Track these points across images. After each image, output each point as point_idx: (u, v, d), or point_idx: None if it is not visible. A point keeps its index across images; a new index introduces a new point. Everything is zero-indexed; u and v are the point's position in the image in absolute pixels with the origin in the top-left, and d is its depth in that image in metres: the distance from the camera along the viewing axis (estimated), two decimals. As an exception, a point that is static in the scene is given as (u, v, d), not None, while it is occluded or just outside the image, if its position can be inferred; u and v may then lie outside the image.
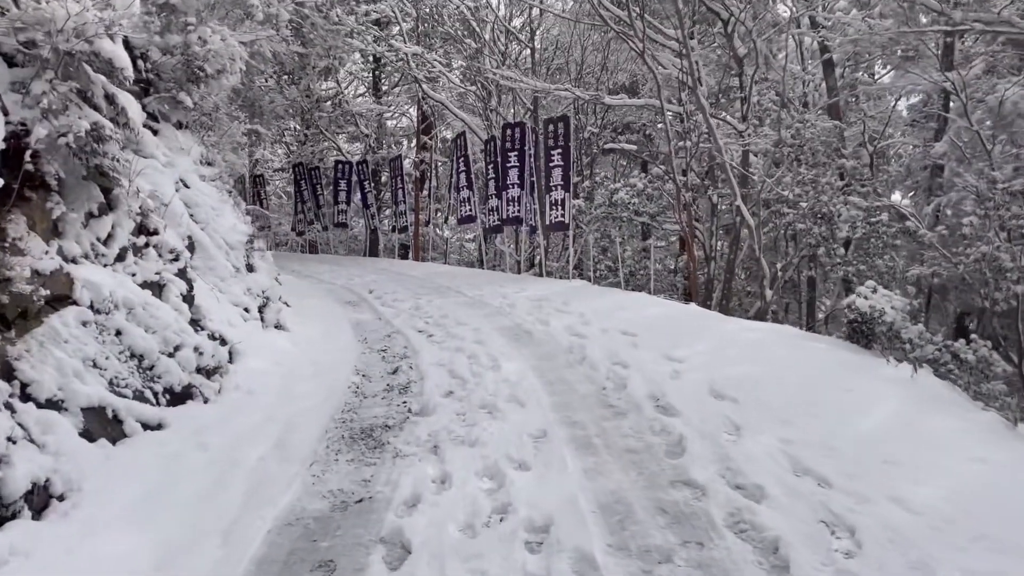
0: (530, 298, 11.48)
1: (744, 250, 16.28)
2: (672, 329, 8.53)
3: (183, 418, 5.10)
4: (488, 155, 15.97)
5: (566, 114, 13.47)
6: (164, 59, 8.64)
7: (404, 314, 10.58)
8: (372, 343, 8.68)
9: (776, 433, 4.92)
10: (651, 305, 10.26)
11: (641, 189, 15.46)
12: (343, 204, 22.21)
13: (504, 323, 9.58)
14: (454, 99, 24.03)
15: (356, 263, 19.35)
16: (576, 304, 10.53)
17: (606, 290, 12.36)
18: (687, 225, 13.77)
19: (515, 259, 20.28)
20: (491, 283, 13.53)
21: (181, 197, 7.46)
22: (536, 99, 18.38)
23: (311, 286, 14.10)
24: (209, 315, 6.53)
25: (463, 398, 6.06)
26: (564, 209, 13.14)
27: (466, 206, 16.78)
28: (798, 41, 19.85)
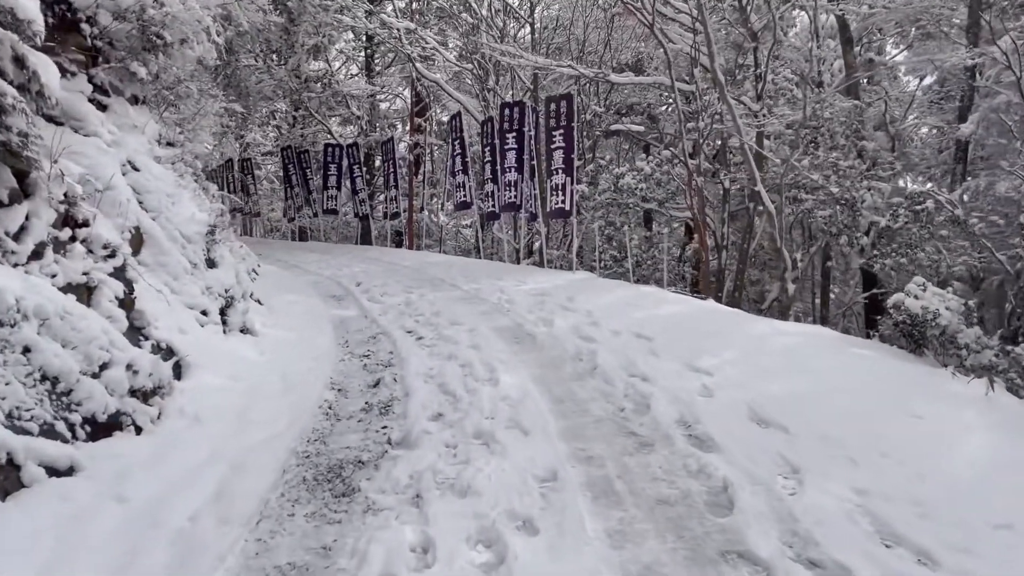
0: (531, 292, 10.47)
1: (757, 239, 15.27)
2: (693, 331, 7.52)
3: (104, 458, 4.10)
4: (485, 137, 14.91)
5: (570, 92, 12.41)
6: (116, 24, 7.58)
7: (393, 311, 9.57)
8: (354, 347, 7.67)
9: (845, 479, 3.93)
10: (665, 302, 9.26)
11: (649, 173, 14.42)
12: (333, 189, 21.14)
13: (503, 323, 8.58)
14: (450, 80, 22.91)
15: (346, 252, 18.32)
16: (582, 300, 9.53)
17: (613, 283, 11.35)
18: (699, 212, 12.75)
19: (513, 247, 19.26)
20: (488, 274, 12.52)
21: (129, 182, 6.43)
22: (536, 78, 17.30)
23: (294, 278, 13.07)
24: (155, 321, 5.51)
25: (454, 423, 5.06)
26: (566, 195, 12.11)
27: (461, 191, 15.73)
28: (812, 17, 18.75)
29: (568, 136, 12.07)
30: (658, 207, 14.74)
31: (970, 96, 16.22)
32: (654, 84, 14.68)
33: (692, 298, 9.78)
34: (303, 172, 22.28)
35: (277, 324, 7.87)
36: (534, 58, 14.52)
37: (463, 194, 15.70)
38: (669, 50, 12.63)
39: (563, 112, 12.11)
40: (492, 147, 14.60)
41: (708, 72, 14.31)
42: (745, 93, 15.72)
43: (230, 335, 6.60)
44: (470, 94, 22.79)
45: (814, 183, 13.58)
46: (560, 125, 12.11)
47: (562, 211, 12.15)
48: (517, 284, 11.33)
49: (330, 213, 21.65)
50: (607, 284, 11.14)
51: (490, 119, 14.83)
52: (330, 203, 21.26)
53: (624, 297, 9.66)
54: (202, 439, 4.59)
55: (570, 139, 12.07)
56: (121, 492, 3.75)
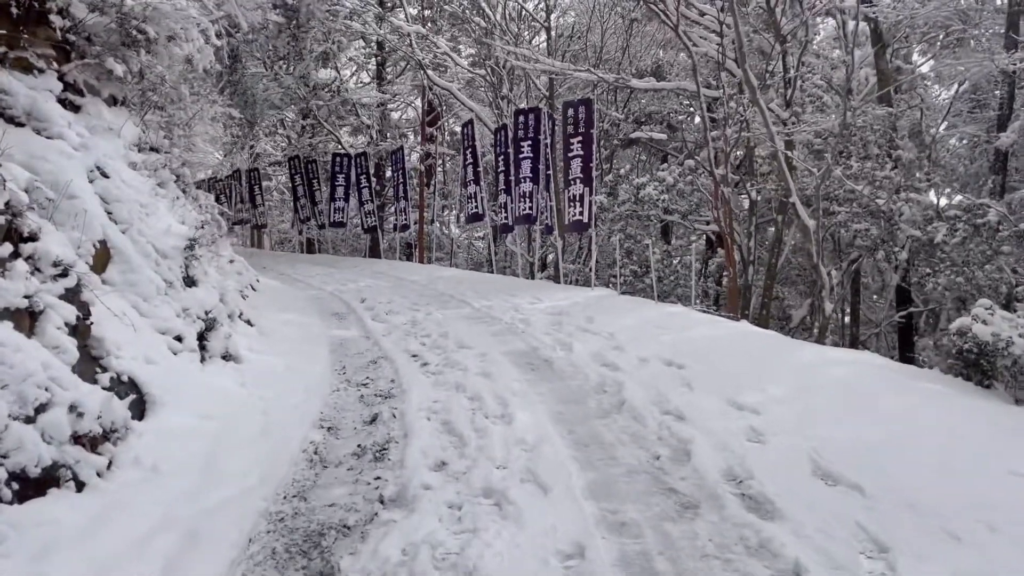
0: (547, 311, 9.69)
1: (784, 253, 14.43)
2: (730, 359, 6.71)
3: (30, 526, 3.34)
4: (498, 146, 14.18)
5: (589, 96, 11.66)
6: (93, 17, 6.89)
7: (397, 331, 8.81)
8: (352, 374, 6.90)
9: (948, 561, 3.12)
10: (695, 323, 8.45)
11: (672, 184, 13.63)
12: (340, 201, 20.45)
13: (517, 346, 7.79)
14: (463, 88, 22.25)
15: (353, 265, 17.61)
16: (603, 320, 8.74)
17: (635, 301, 10.55)
18: (726, 225, 11.94)
19: (527, 260, 18.50)
20: (501, 291, 11.75)
21: (96, 190, 5.71)
22: (552, 86, 16.57)
23: (295, 294, 12.35)
24: (116, 350, 4.76)
25: (460, 474, 4.27)
26: (584, 206, 11.33)
27: (473, 203, 14.99)
28: (840, 22, 17.94)
29: (587, 144, 11.30)
30: (681, 219, 13.94)
31: (1009, 104, 15.35)
32: (676, 90, 13.91)
33: (723, 319, 8.96)
34: (310, 183, 21.63)
35: (267, 348, 7.11)
36: (550, 61, 13.79)
37: (475, 206, 14.96)
38: (693, 54, 11.87)
39: (582, 118, 11.35)
40: (506, 156, 13.86)
41: (734, 77, 13.54)
42: (771, 100, 14.91)
43: (209, 363, 5.85)
44: (483, 103, 22.12)
45: (848, 195, 12.75)
46: (578, 132, 11.35)
47: (580, 223, 11.37)
48: (532, 302, 10.56)
49: (337, 225, 20.95)
50: (629, 302, 10.34)
51: (503, 127, 14.10)
52: (337, 215, 20.56)
53: (649, 317, 8.86)
54: (157, 497, 3.82)
55: (589, 147, 11.31)
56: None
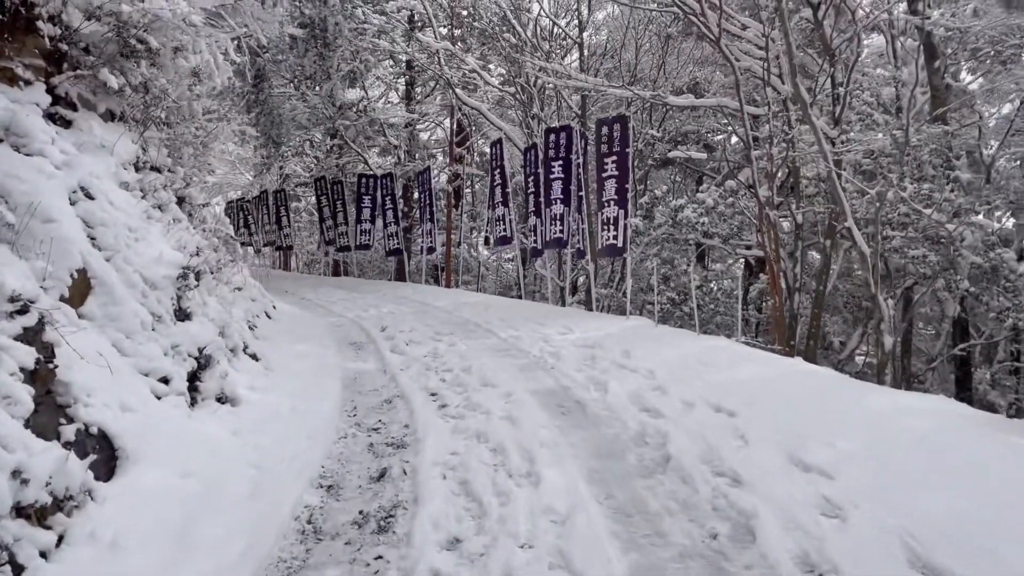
0: (579, 343, 8.96)
1: (833, 280, 13.55)
2: (788, 405, 5.92)
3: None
4: (528, 166, 13.54)
5: (624, 113, 10.99)
6: (88, 26, 6.38)
7: (416, 365, 8.14)
8: (363, 416, 6.23)
9: None
10: (742, 359, 7.65)
11: (711, 206, 12.86)
12: (367, 223, 19.94)
13: (545, 384, 7.07)
14: (492, 108, 21.73)
15: (377, 289, 17.03)
16: (640, 354, 7.98)
17: (674, 333, 9.77)
18: (772, 250, 11.13)
19: (558, 285, 17.78)
20: (530, 318, 11.05)
21: (79, 212, 5.13)
22: (584, 104, 15.94)
23: (313, 320, 11.76)
24: (85, 397, 4.14)
25: (475, 557, 3.55)
26: (619, 230, 10.61)
27: (501, 225, 14.34)
28: (889, 37, 17.10)
29: (622, 163, 10.61)
30: (722, 243, 13.15)
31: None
32: (716, 108, 13.19)
33: (773, 355, 8.15)
34: (334, 204, 21.19)
35: (272, 386, 6.46)
36: (583, 77, 13.15)
37: (503, 228, 14.31)
38: (736, 69, 11.14)
39: (616, 136, 10.67)
40: (535, 177, 13.22)
41: (778, 94, 12.79)
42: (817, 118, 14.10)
43: (200, 408, 5.20)
44: (513, 123, 21.58)
45: (903, 219, 11.89)
46: (613, 151, 10.66)
47: (614, 248, 10.65)
48: (562, 332, 9.83)
49: (363, 248, 20.44)
50: (667, 334, 9.57)
51: (533, 146, 13.47)
52: (363, 237, 20.05)
53: (691, 352, 8.08)
54: (107, 585, 3.15)
55: (624, 167, 10.61)
56: None
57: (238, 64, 15.12)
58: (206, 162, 11.48)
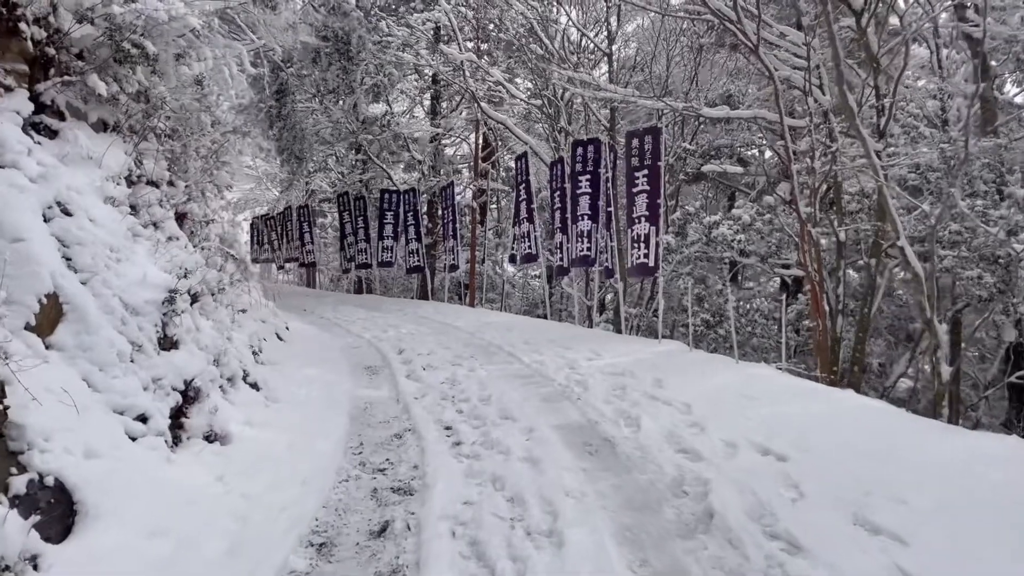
0: (607, 370, 8.33)
1: (878, 301, 12.77)
2: (845, 448, 5.24)
3: None
4: (554, 181, 12.98)
5: (656, 125, 10.38)
6: (80, 29, 5.93)
7: (432, 393, 7.56)
8: (368, 454, 5.65)
9: None
10: (788, 392, 6.96)
11: (748, 223, 12.18)
12: (389, 239, 19.50)
13: (571, 418, 6.46)
14: (518, 122, 21.24)
15: (399, 308, 16.52)
16: (675, 385, 7.34)
17: (711, 359, 9.09)
18: (815, 269, 10.42)
19: (585, 304, 17.14)
20: (555, 341, 10.44)
21: (54, 230, 4.64)
22: (613, 117, 15.35)
23: (329, 341, 11.25)
24: (43, 441, 3.62)
25: (484, 647, 2.94)
26: (650, 248, 9.98)
27: (527, 242, 13.77)
28: (934, 47, 16.33)
29: (653, 178, 9.99)
30: (760, 262, 12.44)
31: None
32: (751, 121, 12.54)
33: (820, 386, 7.44)
34: (356, 220, 20.79)
35: (271, 419, 5.92)
36: (613, 88, 12.57)
37: (528, 245, 13.73)
38: (776, 77, 10.49)
39: (648, 149, 10.06)
40: (562, 192, 12.64)
41: (819, 105, 12.09)
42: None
43: (184, 448, 4.66)
44: (540, 137, 21.07)
45: (955, 237, 11.12)
46: (644, 164, 10.05)
47: (645, 267, 10.01)
48: (590, 357, 9.21)
49: (384, 265, 19.97)
50: (703, 360, 8.89)
51: (560, 160, 12.91)
52: (385, 254, 19.59)
53: (730, 382, 7.41)
54: None
55: (656, 181, 9.99)
56: None
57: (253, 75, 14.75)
58: (220, 176, 11.08)
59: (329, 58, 19.78)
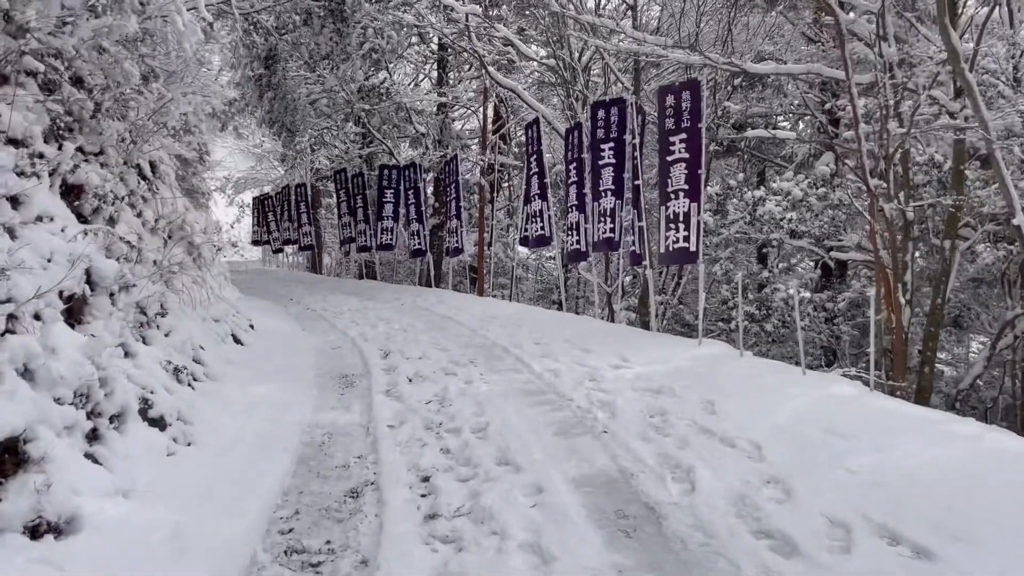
0: (640, 385, 6.53)
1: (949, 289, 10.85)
2: (1012, 530, 3.42)
3: None
4: (570, 151, 11.11)
5: (695, 78, 8.47)
6: None
7: (414, 419, 5.81)
8: (301, 534, 3.86)
9: None
10: (896, 425, 5.10)
11: (799, 198, 10.28)
12: (389, 220, 17.70)
13: (596, 465, 4.69)
14: (529, 88, 19.31)
15: (397, 296, 14.74)
16: (733, 409, 5.54)
17: (770, 369, 7.24)
18: (891, 252, 8.53)
19: (605, 291, 15.28)
20: (572, 341, 8.65)
21: None
22: (637, 79, 13.42)
23: (302, 342, 9.50)
24: None
25: None
26: (690, 228, 8.11)
27: (539, 222, 11.93)
28: None
29: (693, 143, 8.10)
30: (815, 244, 10.54)
31: None
32: (805, 75, 10.58)
33: (933, 414, 5.57)
34: (354, 199, 19.01)
35: (168, 479, 4.15)
36: (641, 36, 10.62)
37: (541, 225, 11.90)
38: (841, 19, 8.54)
39: (686, 108, 8.17)
40: (578, 164, 10.78)
41: (881, 58, 10.10)
42: (929, 88, 11.38)
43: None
44: (555, 109, 19.16)
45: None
46: (681, 127, 8.16)
47: (685, 253, 8.14)
48: (615, 364, 7.41)
49: (384, 248, 18.19)
50: (761, 371, 7.03)
51: (577, 127, 11.03)
52: (385, 236, 17.80)
53: (808, 407, 5.57)
54: None
55: (697, 147, 8.10)
56: None
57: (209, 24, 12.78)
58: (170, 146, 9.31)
59: (322, 20, 17.91)
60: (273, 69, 18.99)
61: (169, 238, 8.48)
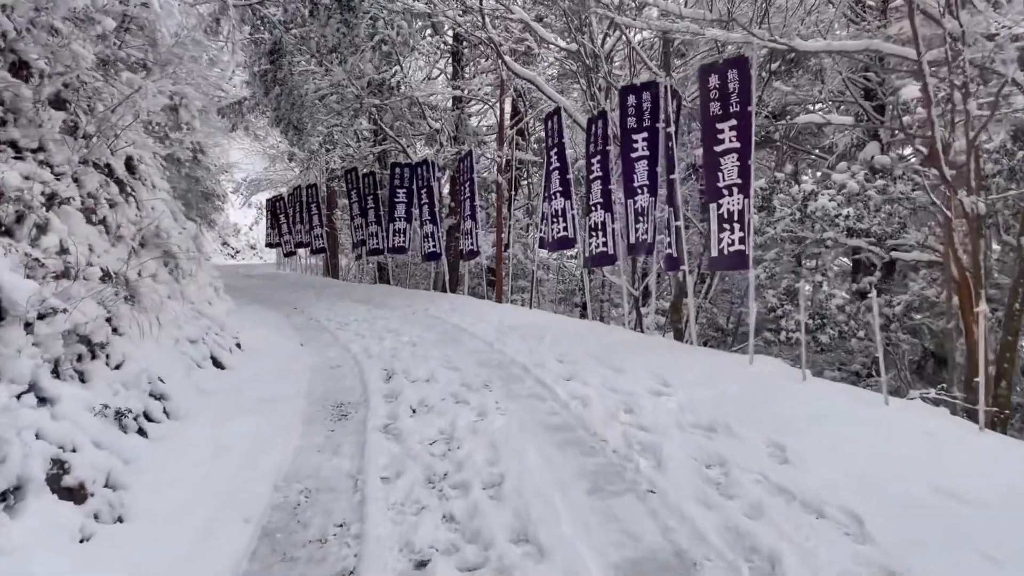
0: (686, 421, 5.42)
1: None
2: None
3: None
4: (592, 143, 9.97)
5: (742, 55, 7.32)
6: None
7: (413, 468, 4.76)
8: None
9: None
10: (1016, 468, 3.96)
11: (856, 191, 9.08)
12: (401, 221, 16.66)
13: (644, 542, 3.61)
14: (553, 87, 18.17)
15: (408, 304, 13.68)
16: (811, 457, 4.42)
17: (842, 396, 6.06)
18: (972, 254, 7.33)
19: (633, 295, 14.12)
20: (600, 358, 7.55)
21: None
22: (667, 53, 12.24)
23: (296, 361, 8.45)
24: None
25: None
26: (745, 229, 6.95)
27: (560, 222, 10.82)
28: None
29: (743, 128, 6.94)
30: (875, 244, 9.33)
31: None
32: (867, 51, 9.37)
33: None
34: (365, 200, 18.00)
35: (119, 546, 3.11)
36: (676, 7, 9.45)
37: (563, 225, 10.78)
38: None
39: (733, 89, 7.00)
40: (603, 157, 9.66)
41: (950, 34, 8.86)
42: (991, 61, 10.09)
43: None
44: (576, 102, 18.01)
45: None
46: (730, 112, 7.00)
47: (739, 257, 6.97)
48: (654, 390, 6.30)
49: (397, 251, 17.14)
50: (832, 399, 5.85)
51: (601, 115, 9.90)
52: (397, 238, 16.75)
53: (906, 452, 4.43)
54: None
55: (746, 134, 6.94)
56: None
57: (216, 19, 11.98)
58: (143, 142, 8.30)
59: (328, 11, 16.90)
60: (279, 64, 18.01)
61: (141, 247, 7.49)
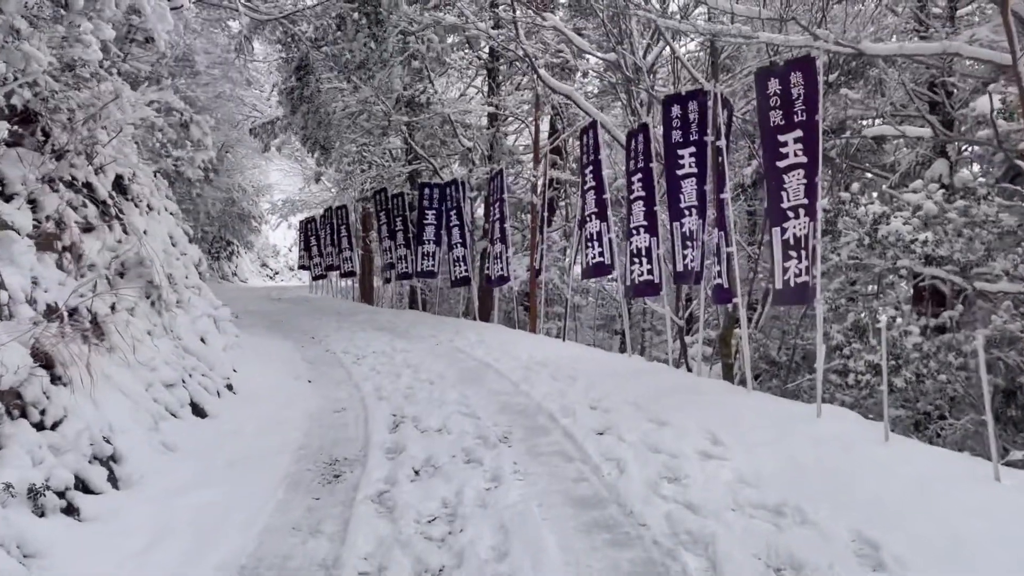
0: (745, 498, 4.36)
1: None
2: None
3: None
4: (632, 159, 8.98)
5: (810, 55, 6.24)
6: None
7: (401, 562, 3.77)
8: None
9: None
10: None
11: (935, 213, 7.92)
12: (430, 244, 15.80)
13: None
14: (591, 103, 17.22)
15: (434, 334, 12.73)
16: (909, 559, 3.32)
17: (934, 459, 4.91)
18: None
19: (677, 325, 13.01)
20: (640, 405, 6.53)
21: None
22: (715, 61, 11.18)
23: (297, 404, 7.54)
24: None
25: None
26: (811, 257, 5.87)
27: (595, 246, 9.81)
28: None
29: (810, 142, 5.88)
30: (956, 273, 8.13)
31: None
32: (944, 54, 8.22)
33: None
34: (393, 222, 17.21)
35: None
36: (727, 4, 8.42)
37: (598, 251, 9.77)
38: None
39: (797, 96, 5.95)
40: (645, 175, 8.65)
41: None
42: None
43: None
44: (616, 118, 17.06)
45: None
46: (795, 122, 5.94)
47: (804, 289, 5.88)
48: (704, 452, 5.25)
49: (425, 275, 16.26)
50: (928, 467, 4.68)
51: (642, 129, 8.90)
52: (426, 262, 15.88)
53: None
54: None
55: (814, 148, 5.88)
56: None
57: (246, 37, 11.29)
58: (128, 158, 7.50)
59: (356, 24, 16.21)
60: (305, 81, 17.42)
61: (120, 276, 6.68)
